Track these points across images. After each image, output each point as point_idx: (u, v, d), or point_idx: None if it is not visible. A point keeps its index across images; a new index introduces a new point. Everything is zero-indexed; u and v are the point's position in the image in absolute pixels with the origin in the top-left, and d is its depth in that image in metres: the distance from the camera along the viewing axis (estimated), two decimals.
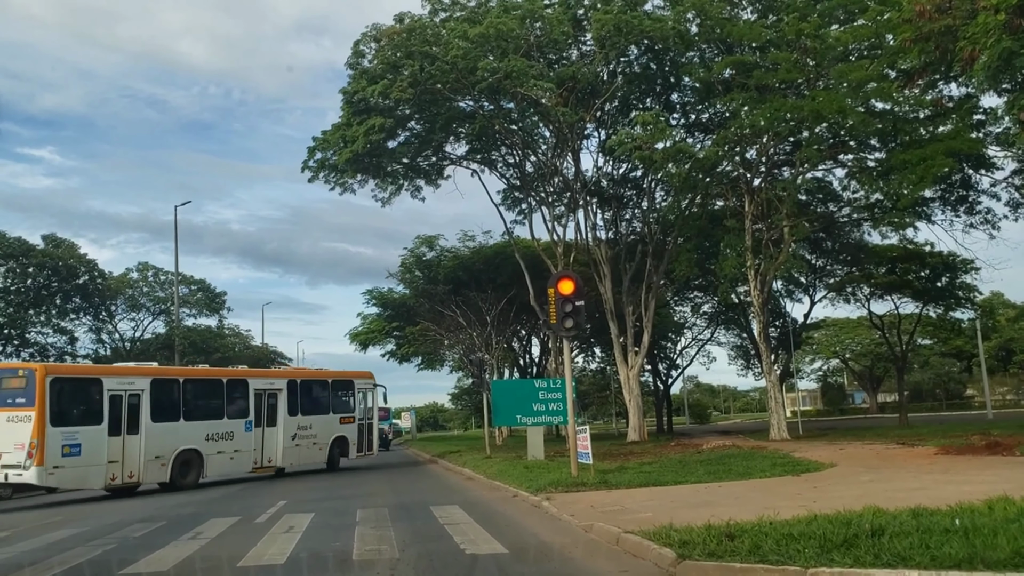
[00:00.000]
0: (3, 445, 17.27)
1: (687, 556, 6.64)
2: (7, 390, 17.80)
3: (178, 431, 20.21)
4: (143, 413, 19.31)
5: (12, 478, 17.38)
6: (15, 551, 10.02)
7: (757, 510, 8.21)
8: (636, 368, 33.19)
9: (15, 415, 17.40)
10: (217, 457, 21.10)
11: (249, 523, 11.47)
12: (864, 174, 27.65)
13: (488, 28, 26.28)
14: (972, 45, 15.86)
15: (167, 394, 20.31)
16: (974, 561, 5.40)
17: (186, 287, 46.25)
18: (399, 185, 34.41)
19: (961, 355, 65.00)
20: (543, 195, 34.16)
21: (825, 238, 35.68)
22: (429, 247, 41.76)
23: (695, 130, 32.34)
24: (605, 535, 8.38)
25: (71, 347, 38.21)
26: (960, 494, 8.35)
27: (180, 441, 20.17)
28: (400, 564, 7.55)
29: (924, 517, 6.97)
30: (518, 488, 13.99)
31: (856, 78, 24.07)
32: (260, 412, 22.63)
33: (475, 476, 19.21)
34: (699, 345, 52.12)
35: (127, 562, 8.32)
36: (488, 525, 9.93)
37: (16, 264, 35.02)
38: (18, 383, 17.76)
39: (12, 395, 17.65)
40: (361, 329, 50.50)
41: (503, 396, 21.77)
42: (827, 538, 6.37)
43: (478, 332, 39.89)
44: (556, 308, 14.19)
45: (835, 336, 66.56)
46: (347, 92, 28.87)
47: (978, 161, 27.66)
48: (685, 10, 27.42)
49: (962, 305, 40.01)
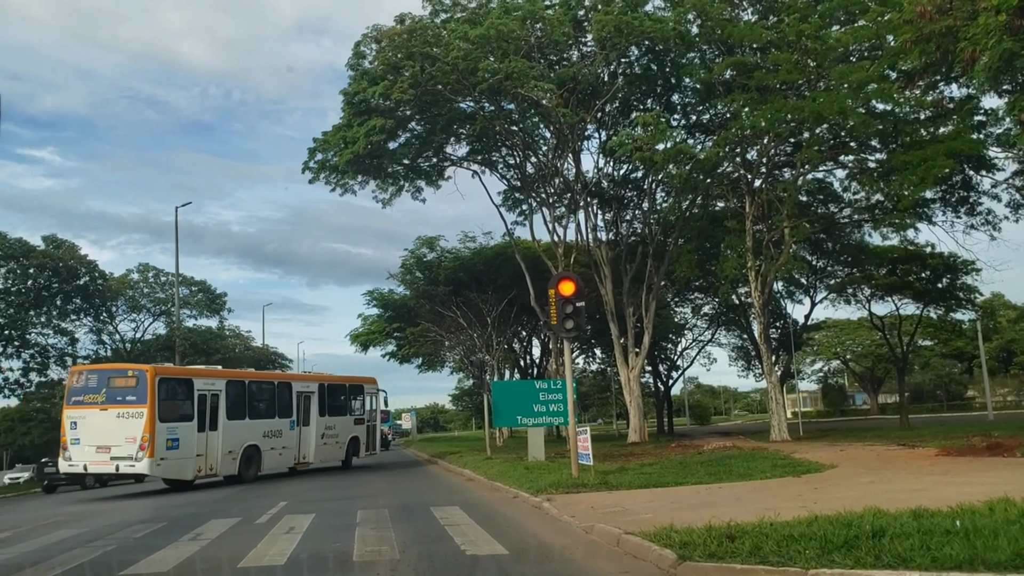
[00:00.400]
0: (113, 439, 18.88)
1: (688, 557, 6.63)
2: (116, 388, 19.44)
3: (245, 428, 22.17)
4: (221, 411, 21.21)
5: (124, 468, 19.10)
6: (16, 551, 10.03)
7: (758, 511, 8.20)
8: (637, 369, 33.19)
9: (125, 411, 19.05)
10: (270, 453, 23.11)
11: (250, 524, 11.46)
12: (865, 175, 27.65)
13: (489, 29, 26.28)
14: (973, 46, 15.87)
15: (237, 394, 22.20)
16: (975, 562, 5.40)
17: (187, 288, 46.24)
18: (400, 186, 34.40)
19: (962, 356, 65.02)
20: (544, 196, 34.16)
21: (826, 239, 35.68)
22: (430, 248, 41.78)
23: (696, 131, 32.34)
24: (606, 536, 8.37)
25: (71, 348, 38.22)
26: (961, 495, 8.34)
27: (246, 437, 22.17)
28: (401, 565, 7.54)
29: (925, 518, 6.96)
30: (519, 489, 13.98)
31: (857, 79, 24.07)
32: (299, 413, 24.61)
33: (476, 477, 19.21)
34: (700, 346, 52.21)
35: (127, 563, 8.32)
36: (489, 526, 9.92)
37: (17, 265, 35.01)
38: (129, 382, 19.47)
39: (122, 393, 19.30)
40: (362, 330, 50.53)
41: (504, 397, 21.77)
42: (828, 539, 6.36)
43: (479, 333, 39.90)
44: (557, 309, 14.18)
45: (836, 337, 66.55)
46: (348, 93, 28.88)
47: (979, 162, 27.66)
48: (686, 11, 27.42)
49: (963, 306, 40.00)
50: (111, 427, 18.99)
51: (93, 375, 20.28)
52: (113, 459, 18.97)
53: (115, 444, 18.88)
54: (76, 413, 19.53)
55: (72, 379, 20.50)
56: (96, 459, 19.22)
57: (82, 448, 19.23)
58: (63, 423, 19.86)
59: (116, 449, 18.86)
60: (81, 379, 20.13)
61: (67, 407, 19.91)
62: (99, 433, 19.11)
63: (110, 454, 18.95)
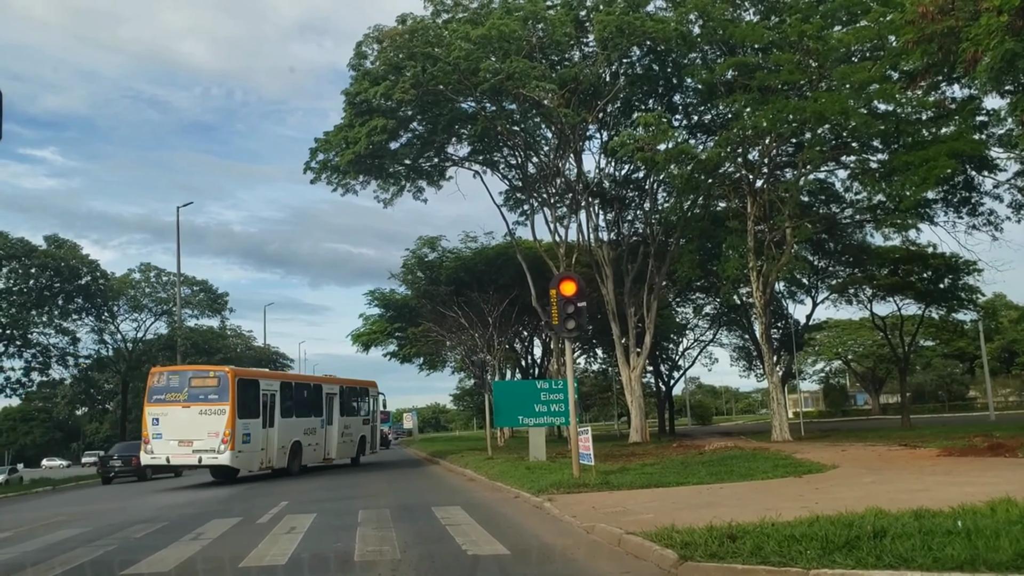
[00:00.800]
0: (196, 433, 20.77)
1: (689, 557, 6.63)
2: (199, 388, 21.34)
3: (292, 426, 24.08)
4: (276, 410, 23.10)
5: (207, 460, 21.06)
6: (17, 551, 10.03)
7: (759, 511, 8.20)
8: (638, 369, 33.19)
9: (207, 409, 20.99)
10: (308, 448, 25.04)
11: (251, 524, 11.46)
12: (867, 175, 27.65)
13: (490, 29, 26.28)
14: (975, 46, 15.84)
15: (286, 395, 24.03)
16: (976, 563, 5.39)
17: (188, 288, 46.27)
18: (401, 186, 34.41)
19: (963, 357, 65.00)
20: (545, 196, 34.16)
21: (827, 239, 35.67)
22: (431, 248, 41.76)
23: (697, 131, 32.33)
24: (607, 536, 8.37)
25: (73, 348, 38.25)
26: (963, 496, 8.33)
27: (293, 434, 24.10)
28: (402, 565, 7.54)
29: (926, 519, 6.95)
30: (520, 489, 13.97)
31: (859, 79, 24.06)
32: (326, 413, 26.54)
33: (477, 477, 19.21)
34: (701, 346, 52.17)
35: (128, 563, 8.32)
36: (490, 526, 9.92)
37: (19, 265, 35.03)
38: (211, 382, 21.43)
39: (204, 392, 21.20)
40: (363, 330, 50.56)
41: (505, 397, 21.77)
42: (829, 539, 6.36)
43: (480, 333, 39.90)
44: (558, 309, 14.17)
45: (837, 337, 66.54)
46: (349, 93, 28.89)
47: (981, 163, 27.67)
48: (687, 11, 27.41)
49: (965, 307, 40.00)
50: (193, 423, 20.86)
51: (175, 376, 22.11)
52: (196, 452, 20.82)
53: (197, 438, 20.75)
54: (158, 410, 21.30)
55: (152, 379, 22.01)
56: (178, 452, 20.98)
57: (165, 442, 21.02)
58: (144, 420, 21.56)
59: (198, 443, 20.74)
60: (162, 379, 21.79)
61: (148, 405, 21.59)
62: (181, 428, 20.88)
63: (192, 447, 20.80)
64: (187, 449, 20.87)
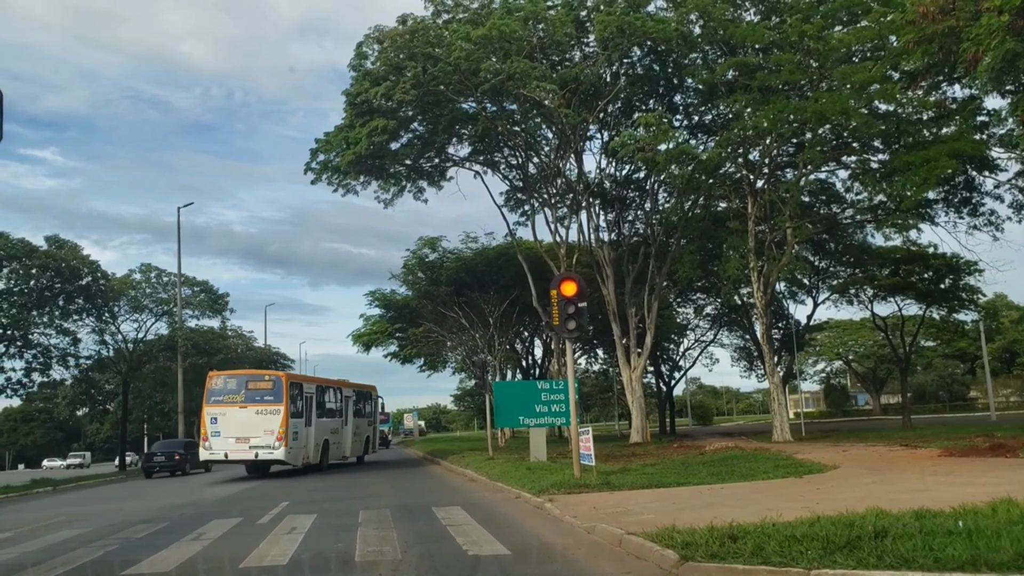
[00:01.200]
0: (252, 431, 22.81)
1: (690, 558, 6.63)
2: (255, 390, 23.51)
3: (323, 425, 26.13)
4: (313, 411, 25.13)
5: (263, 455, 23.00)
6: (18, 551, 10.04)
7: (760, 512, 8.20)
8: (639, 370, 33.18)
9: (263, 409, 23.04)
10: (333, 447, 27.07)
11: (251, 524, 11.47)
12: (867, 176, 27.63)
13: (491, 29, 26.28)
14: (976, 47, 15.83)
15: (319, 397, 26.11)
16: (977, 563, 5.39)
17: (189, 288, 46.25)
18: (402, 187, 34.39)
19: (964, 357, 64.98)
20: (546, 196, 34.15)
21: (828, 240, 35.66)
22: (432, 248, 41.76)
23: (698, 131, 32.32)
24: (608, 536, 8.37)
25: (74, 348, 38.23)
26: (963, 496, 8.32)
27: (323, 433, 26.12)
28: (402, 565, 7.55)
29: (927, 519, 6.95)
30: (520, 489, 13.97)
31: (859, 79, 24.05)
32: (344, 414, 28.59)
33: (477, 477, 19.21)
34: (702, 347, 52.16)
35: (129, 563, 8.33)
36: (490, 526, 9.92)
37: (19, 265, 34.99)
38: (266, 385, 23.71)
39: (260, 394, 23.36)
40: (364, 330, 50.57)
41: (505, 397, 21.75)
42: (830, 540, 6.36)
43: (481, 333, 39.89)
44: (559, 310, 14.17)
45: (838, 338, 66.53)
46: (350, 94, 28.88)
47: (982, 163, 27.65)
48: (688, 11, 27.40)
49: (965, 307, 40.01)
50: (250, 422, 22.89)
51: (232, 379, 24.20)
52: (252, 448, 22.84)
53: (254, 436, 22.80)
54: (216, 411, 23.30)
55: (211, 382, 23.94)
56: (236, 448, 23.00)
57: (223, 439, 23.06)
58: (203, 419, 23.59)
59: (255, 440, 22.81)
60: (220, 382, 23.89)
61: (207, 406, 23.49)
62: (239, 427, 22.93)
63: (249, 444, 22.84)
64: (244, 445, 22.89)
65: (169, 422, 59.54)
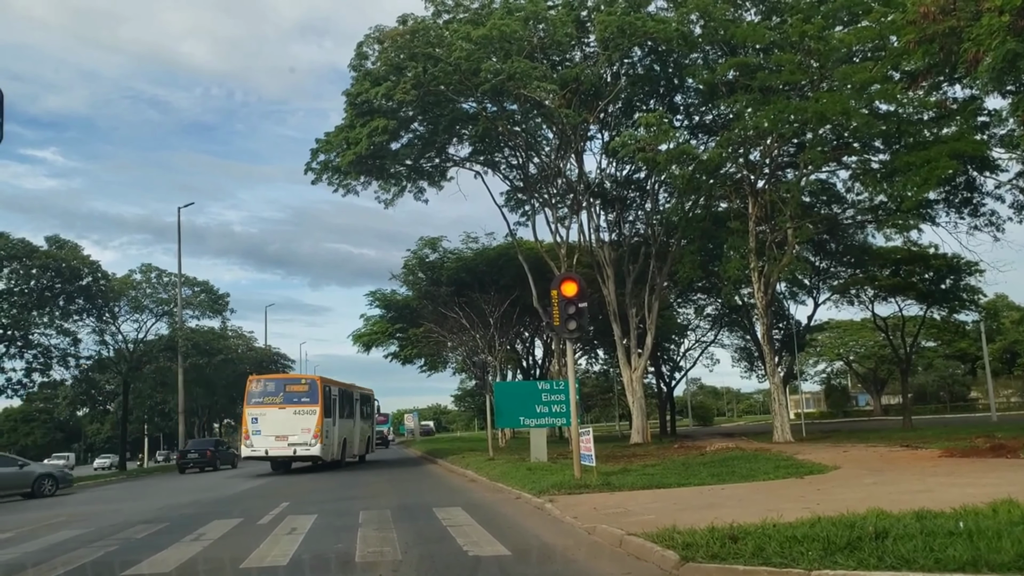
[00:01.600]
0: (291, 430, 25.01)
1: (690, 558, 6.62)
2: (293, 392, 25.73)
3: (343, 425, 28.24)
4: (337, 411, 27.20)
5: (300, 452, 25.24)
6: (19, 552, 10.04)
7: (760, 512, 8.19)
8: (639, 370, 33.15)
9: (300, 410, 25.24)
10: (348, 445, 28.95)
11: (252, 525, 11.46)
12: (868, 176, 27.61)
13: (491, 30, 26.27)
14: (976, 47, 15.83)
15: (342, 399, 28.30)
16: (978, 564, 5.38)
17: (189, 288, 46.33)
18: (402, 187, 34.39)
19: (965, 357, 64.93)
20: (546, 197, 34.14)
21: (829, 240, 35.63)
22: (432, 249, 41.76)
23: (699, 132, 32.29)
24: (608, 537, 8.36)
25: (74, 348, 38.26)
26: (964, 497, 8.31)
27: (344, 432, 28.22)
28: (403, 566, 7.54)
29: (928, 520, 6.94)
30: (521, 490, 13.96)
31: (860, 80, 24.03)
32: (355, 415, 30.49)
33: (478, 478, 19.20)
34: (703, 347, 52.14)
35: (130, 563, 8.32)
36: (491, 527, 9.92)
37: (19, 265, 35.02)
38: (303, 388, 25.88)
39: (298, 396, 25.53)
40: (364, 331, 50.58)
41: (506, 398, 21.74)
42: (831, 540, 6.35)
43: (481, 334, 39.90)
44: (559, 310, 14.17)
45: (839, 338, 66.50)
46: (350, 94, 28.88)
47: (982, 163, 27.62)
48: (688, 12, 27.38)
49: (966, 307, 39.97)
50: (288, 421, 25.04)
51: (271, 382, 26.44)
52: (290, 445, 25.03)
53: (292, 434, 24.96)
54: (257, 411, 25.34)
55: (251, 385, 26.04)
56: (275, 446, 25.07)
57: (263, 437, 25.11)
58: (244, 419, 25.68)
59: (292, 438, 24.97)
60: (260, 385, 26.05)
61: (248, 407, 25.53)
62: (278, 426, 25.06)
63: (287, 441, 25.00)
64: (283, 443, 25.01)
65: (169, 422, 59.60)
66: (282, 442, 24.99)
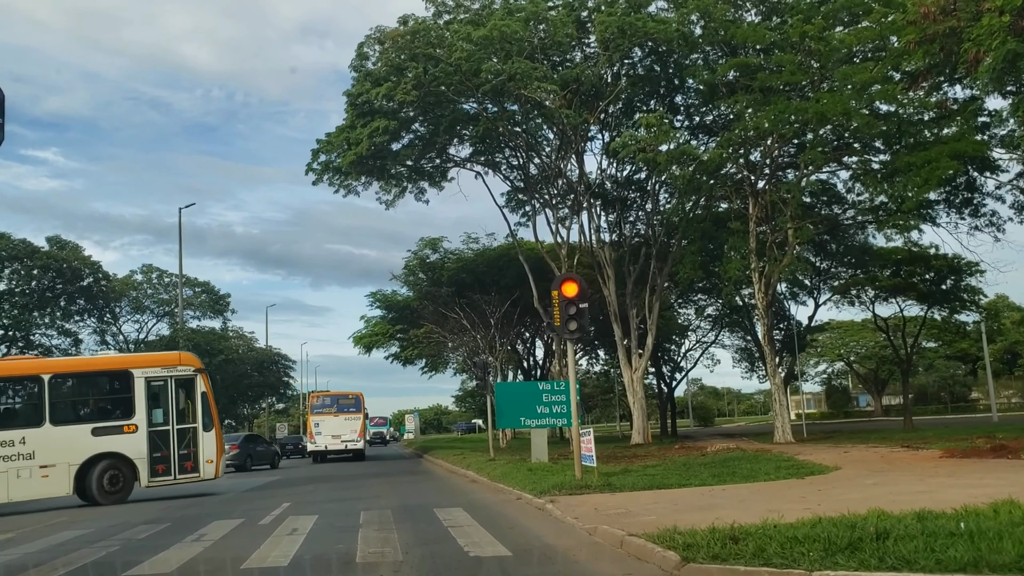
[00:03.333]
0: (343, 431, 34.60)
1: (691, 559, 6.62)
2: (343, 404, 35.58)
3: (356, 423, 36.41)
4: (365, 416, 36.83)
5: (350, 447, 34.84)
6: (20, 552, 10.04)
7: (761, 513, 8.19)
8: (640, 371, 33.14)
9: (349, 417, 35.02)
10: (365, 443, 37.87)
11: (253, 525, 11.46)
12: (868, 176, 27.59)
13: (492, 30, 26.28)
14: (977, 47, 15.82)
15: (360, 404, 36.70)
16: (979, 565, 5.38)
17: (190, 289, 46.38)
18: (403, 187, 34.42)
19: (966, 358, 64.76)
20: (547, 197, 34.15)
21: (829, 240, 35.60)
22: (433, 249, 41.78)
23: (699, 132, 32.27)
24: (609, 538, 8.36)
25: (75, 349, 38.27)
26: (965, 497, 8.31)
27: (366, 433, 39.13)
28: (404, 566, 7.54)
29: (929, 520, 6.93)
30: (522, 490, 13.95)
31: (860, 80, 24.02)
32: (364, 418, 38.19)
33: (479, 478, 19.20)
34: (703, 348, 52.10)
35: (131, 564, 8.32)
36: (491, 527, 9.92)
37: (21, 266, 35.09)
38: (351, 401, 35.87)
39: (347, 406, 35.51)
40: (365, 331, 50.59)
41: (507, 398, 21.76)
42: (832, 541, 6.34)
43: (482, 334, 39.90)
44: (560, 310, 14.17)
45: (840, 339, 66.40)
46: (351, 94, 28.90)
47: (983, 163, 27.60)
48: (689, 12, 27.37)
49: (967, 308, 39.93)
50: (341, 425, 34.62)
51: (327, 397, 37.06)
52: (343, 442, 34.55)
53: (344, 435, 34.55)
54: (318, 418, 34.88)
55: (312, 400, 37.20)
56: (332, 443, 34.42)
57: (324, 437, 34.43)
58: (308, 424, 35.92)
59: (344, 437, 34.50)
60: (319, 400, 36.67)
61: (311, 415, 35.61)
62: (334, 428, 34.55)
63: (341, 440, 34.47)
64: (337, 441, 34.39)
65: None
66: (336, 440, 34.22)
